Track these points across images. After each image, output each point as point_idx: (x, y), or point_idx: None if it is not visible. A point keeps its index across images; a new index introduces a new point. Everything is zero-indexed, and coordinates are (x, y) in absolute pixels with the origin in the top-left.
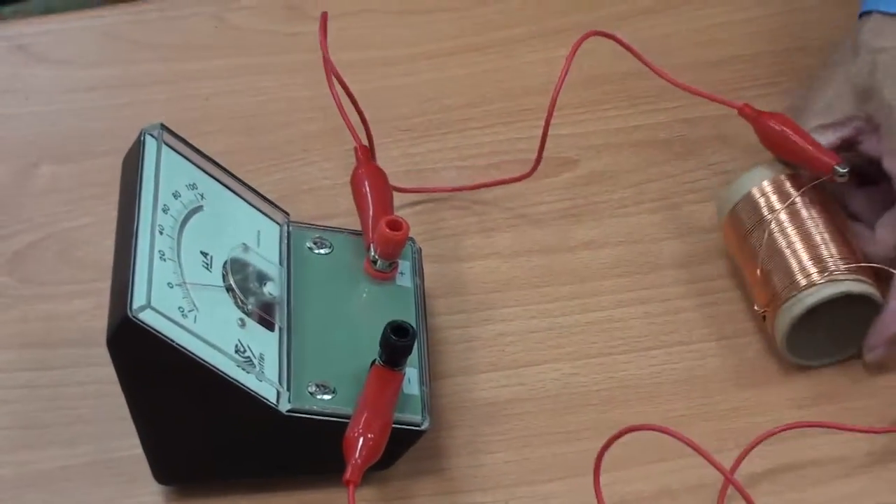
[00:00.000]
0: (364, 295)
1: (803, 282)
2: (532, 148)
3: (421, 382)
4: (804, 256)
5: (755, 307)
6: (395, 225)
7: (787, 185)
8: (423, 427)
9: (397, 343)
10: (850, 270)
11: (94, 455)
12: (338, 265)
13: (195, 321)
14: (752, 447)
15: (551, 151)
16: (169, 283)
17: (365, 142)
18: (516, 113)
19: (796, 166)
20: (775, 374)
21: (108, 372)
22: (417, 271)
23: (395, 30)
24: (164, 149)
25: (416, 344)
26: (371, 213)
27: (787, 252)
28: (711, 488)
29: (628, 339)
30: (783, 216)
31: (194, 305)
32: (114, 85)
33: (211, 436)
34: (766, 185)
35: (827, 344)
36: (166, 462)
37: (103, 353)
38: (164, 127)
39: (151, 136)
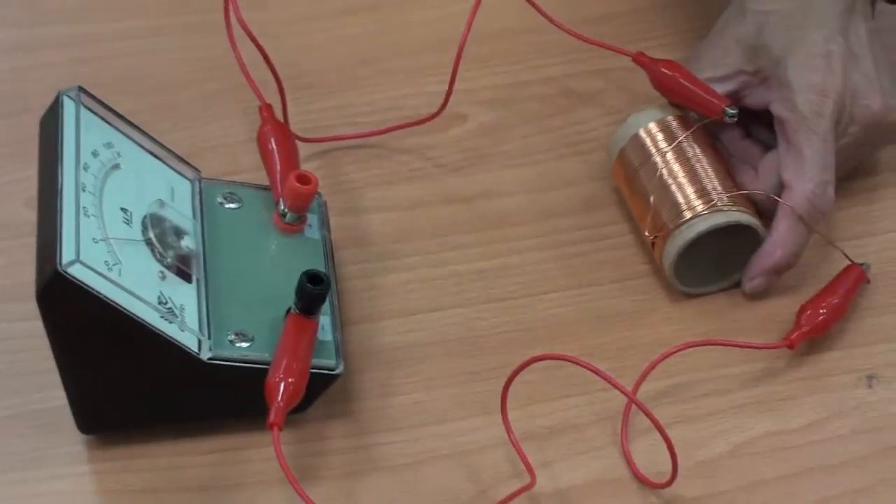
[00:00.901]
0: (275, 247)
1: (688, 213)
2: (427, 104)
3: (334, 329)
4: (689, 190)
5: (646, 233)
6: (304, 179)
7: (674, 125)
8: (337, 371)
9: (313, 291)
10: (733, 202)
11: (15, 409)
12: (248, 219)
13: (120, 274)
14: (650, 370)
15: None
16: (94, 239)
17: (268, 100)
18: (410, 70)
19: (684, 109)
20: (665, 305)
21: (23, 327)
22: (324, 223)
23: None
24: (83, 109)
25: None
26: (279, 168)
27: (674, 187)
28: (615, 419)
29: (526, 283)
30: (670, 155)
31: (118, 259)
32: (15, 48)
33: (136, 385)
34: (653, 126)
35: (712, 272)
36: (91, 412)
37: (17, 309)
38: (81, 89)
39: (69, 97)
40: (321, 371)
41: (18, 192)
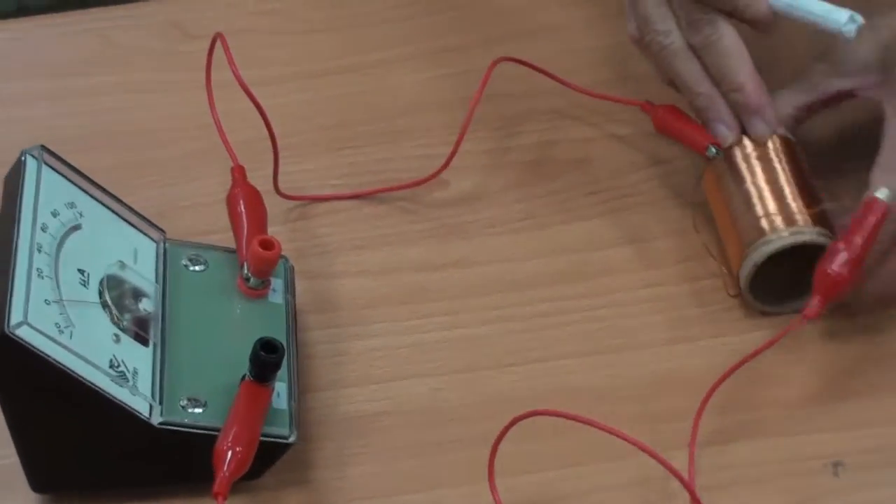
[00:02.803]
0: (237, 311)
1: (768, 228)
2: (407, 168)
3: (290, 397)
4: (771, 206)
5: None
6: (268, 244)
7: (767, 141)
8: (290, 440)
9: (266, 359)
10: (815, 221)
11: None
12: (212, 282)
13: (71, 337)
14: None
15: (424, 171)
16: (46, 300)
17: (259, 159)
18: (390, 133)
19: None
20: (626, 386)
21: None
22: (289, 288)
23: (271, 50)
24: (45, 169)
25: (285, 360)
26: (245, 231)
27: (756, 201)
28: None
29: (492, 354)
30: (757, 167)
31: (70, 322)
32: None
33: (86, 447)
34: (746, 139)
35: (787, 292)
36: (42, 471)
37: None
38: (44, 148)
39: (32, 156)
40: (274, 439)
41: None
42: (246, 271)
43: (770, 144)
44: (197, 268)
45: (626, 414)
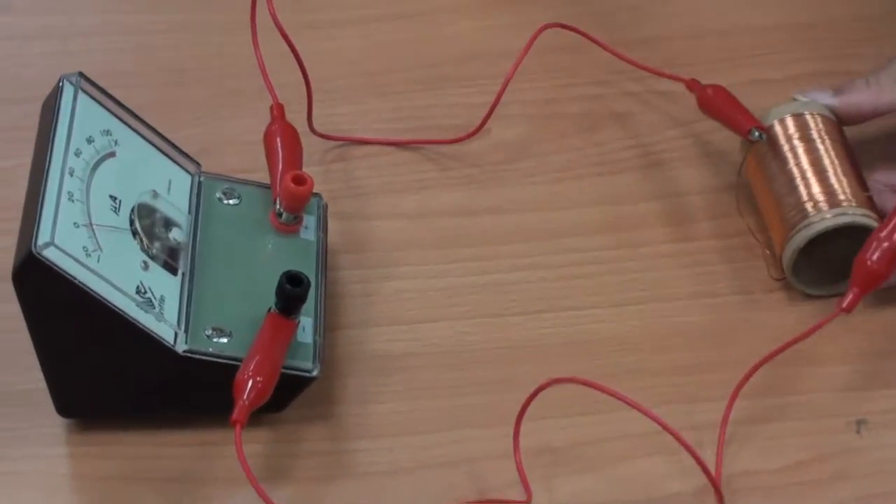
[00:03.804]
0: (268, 246)
1: (812, 210)
2: (450, 115)
3: (315, 332)
4: (815, 187)
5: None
6: (300, 179)
7: (811, 122)
8: (313, 374)
9: (291, 292)
10: (860, 205)
11: (3, 386)
12: (245, 216)
13: (98, 261)
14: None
15: (465, 119)
16: (75, 223)
17: (284, 103)
18: (436, 81)
19: (825, 109)
20: (657, 339)
21: (18, 307)
22: (321, 226)
23: None
24: (81, 95)
25: (313, 295)
26: (280, 167)
27: (799, 182)
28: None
29: (521, 301)
30: (801, 150)
31: (98, 246)
32: (52, 34)
33: (111, 372)
34: (790, 120)
35: (830, 275)
36: (67, 396)
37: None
38: (82, 75)
39: (70, 82)
40: (297, 372)
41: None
42: (278, 206)
43: (812, 125)
44: (231, 201)
45: (650, 364)
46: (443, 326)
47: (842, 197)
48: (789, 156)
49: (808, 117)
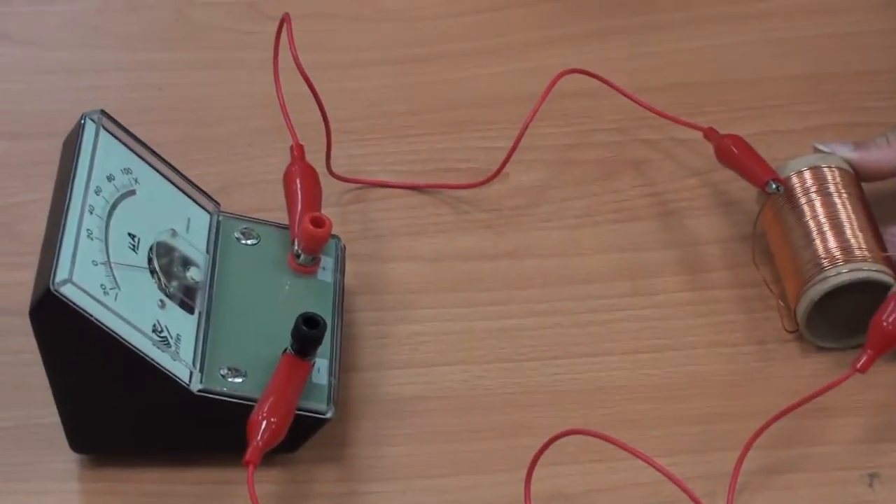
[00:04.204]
0: (285, 287)
1: (827, 264)
2: (468, 158)
3: (330, 373)
4: (831, 241)
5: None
6: (319, 222)
7: (829, 175)
8: (327, 416)
9: (307, 333)
10: (875, 260)
11: (20, 420)
12: (263, 256)
13: (116, 299)
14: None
15: (483, 163)
16: (93, 261)
17: (304, 143)
18: (455, 124)
19: (843, 162)
20: (671, 389)
21: (34, 342)
22: (339, 267)
23: (347, 35)
24: (103, 133)
25: (328, 336)
26: (299, 208)
27: (815, 236)
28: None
29: (537, 347)
30: (817, 201)
31: (116, 284)
32: (73, 69)
33: (125, 410)
34: (807, 173)
35: (843, 329)
36: (81, 431)
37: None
38: (104, 112)
39: (91, 120)
40: (311, 414)
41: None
42: (297, 247)
43: (830, 178)
44: (249, 241)
45: (664, 413)
46: (457, 370)
47: (858, 252)
48: (806, 209)
49: (826, 170)
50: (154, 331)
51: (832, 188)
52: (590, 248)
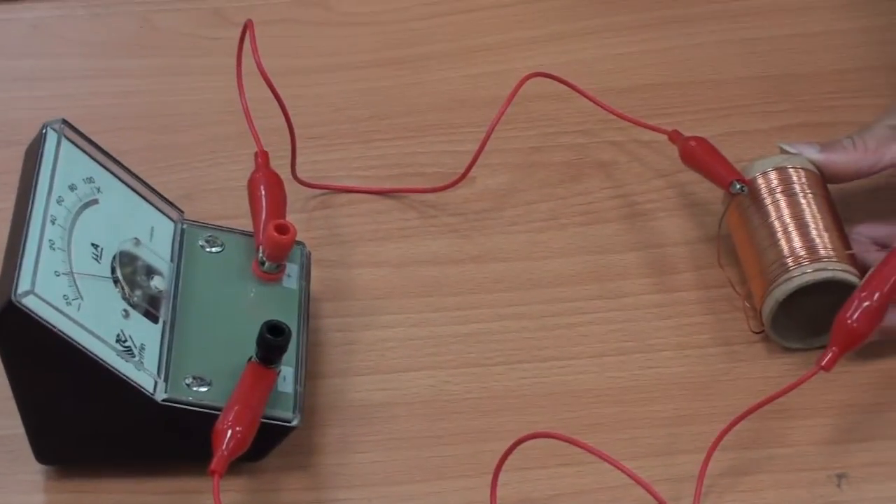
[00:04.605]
0: (250, 294)
1: (792, 264)
2: (434, 162)
3: (296, 381)
4: (796, 241)
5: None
6: (283, 229)
7: (794, 176)
8: (293, 424)
9: (272, 341)
10: (840, 260)
11: None
12: (227, 264)
13: (79, 309)
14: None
15: (450, 167)
16: (56, 272)
17: (269, 149)
18: (421, 128)
19: (809, 163)
20: (638, 391)
21: None
22: (304, 274)
23: (312, 40)
24: (64, 142)
25: (294, 344)
26: (263, 215)
27: (780, 236)
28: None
29: (503, 351)
30: (782, 202)
31: (79, 294)
32: (37, 77)
33: (90, 420)
34: (773, 174)
35: (807, 329)
36: (46, 442)
37: None
38: (65, 122)
39: (53, 129)
40: (277, 422)
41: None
42: (261, 255)
43: (795, 178)
44: (213, 249)
45: (631, 416)
46: (424, 376)
47: (823, 252)
48: (771, 209)
49: (792, 171)
50: (118, 341)
51: (798, 188)
52: (556, 251)
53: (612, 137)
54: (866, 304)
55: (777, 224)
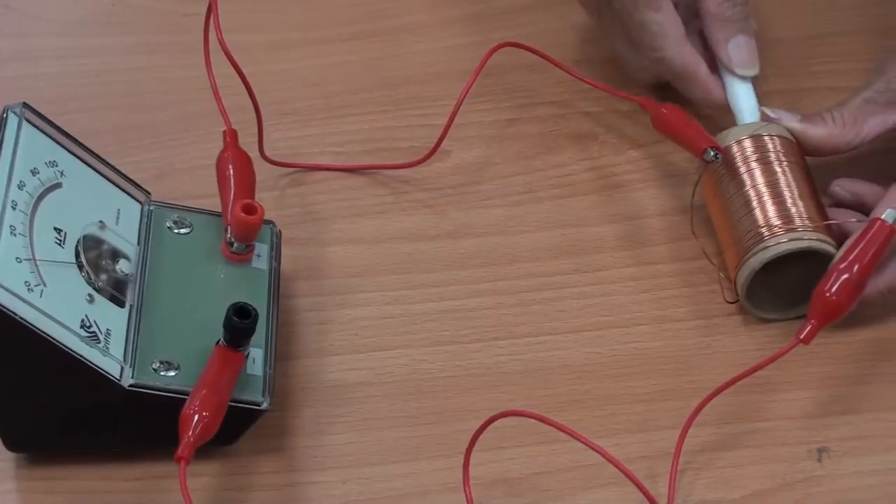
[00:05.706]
0: (219, 276)
1: (767, 234)
2: (409, 137)
3: (266, 363)
4: (770, 210)
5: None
6: (250, 209)
7: (770, 144)
8: (263, 407)
9: (238, 324)
10: (816, 229)
11: None
12: (196, 245)
13: (41, 296)
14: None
15: (425, 141)
16: (17, 258)
17: (242, 126)
18: (396, 102)
19: (785, 131)
20: (615, 366)
21: None
22: (275, 254)
23: (284, 15)
24: (25, 126)
25: (263, 326)
26: (231, 195)
27: (755, 205)
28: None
29: (479, 328)
30: (758, 172)
31: (41, 280)
32: (7, 57)
33: (58, 407)
34: (747, 142)
35: (785, 299)
36: (15, 430)
37: None
38: (26, 105)
39: (14, 112)
40: (246, 405)
41: None
42: (229, 235)
43: (771, 147)
44: (181, 231)
45: (608, 392)
46: (399, 354)
47: (798, 221)
48: (746, 178)
49: (768, 139)
50: (82, 326)
51: (773, 157)
52: (532, 225)
53: (588, 108)
54: (845, 276)
55: (752, 193)
